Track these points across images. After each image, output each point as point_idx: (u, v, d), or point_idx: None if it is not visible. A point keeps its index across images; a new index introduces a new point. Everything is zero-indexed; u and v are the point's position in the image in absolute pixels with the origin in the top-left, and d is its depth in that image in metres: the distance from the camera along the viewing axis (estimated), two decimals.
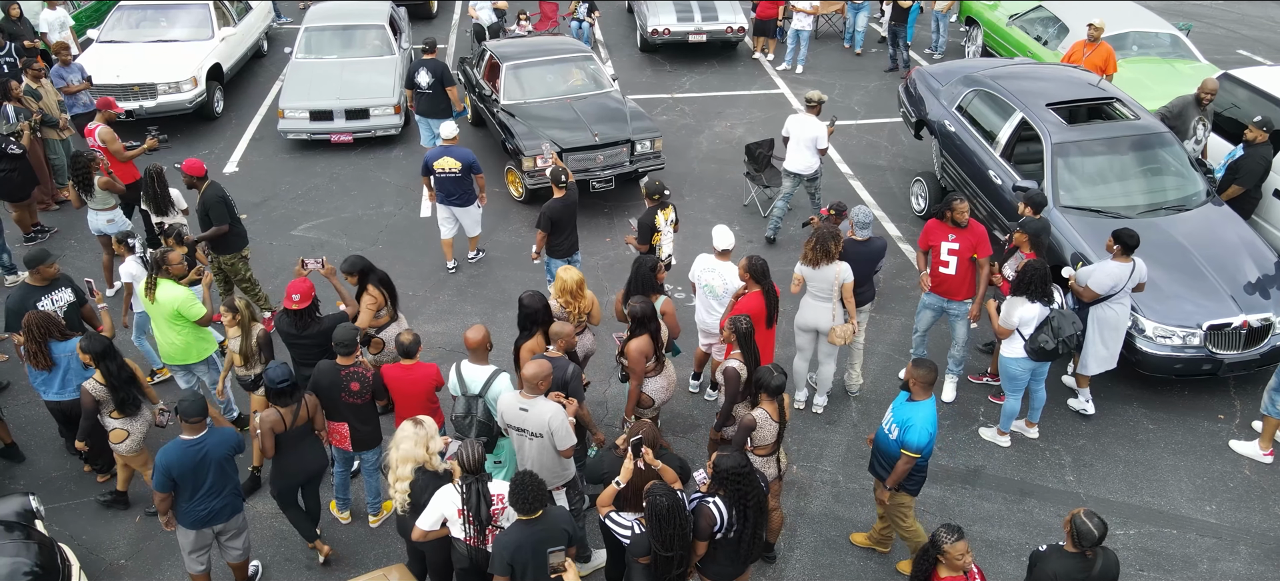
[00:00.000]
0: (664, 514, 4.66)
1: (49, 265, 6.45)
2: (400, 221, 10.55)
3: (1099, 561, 4.70)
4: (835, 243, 6.67)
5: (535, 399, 5.46)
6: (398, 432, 5.12)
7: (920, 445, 5.40)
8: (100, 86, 11.81)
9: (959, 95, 9.68)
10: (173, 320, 6.60)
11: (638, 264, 6.69)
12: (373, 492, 6.43)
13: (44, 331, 6.10)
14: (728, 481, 4.81)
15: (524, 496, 4.56)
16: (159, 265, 6.56)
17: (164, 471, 5.19)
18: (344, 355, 5.81)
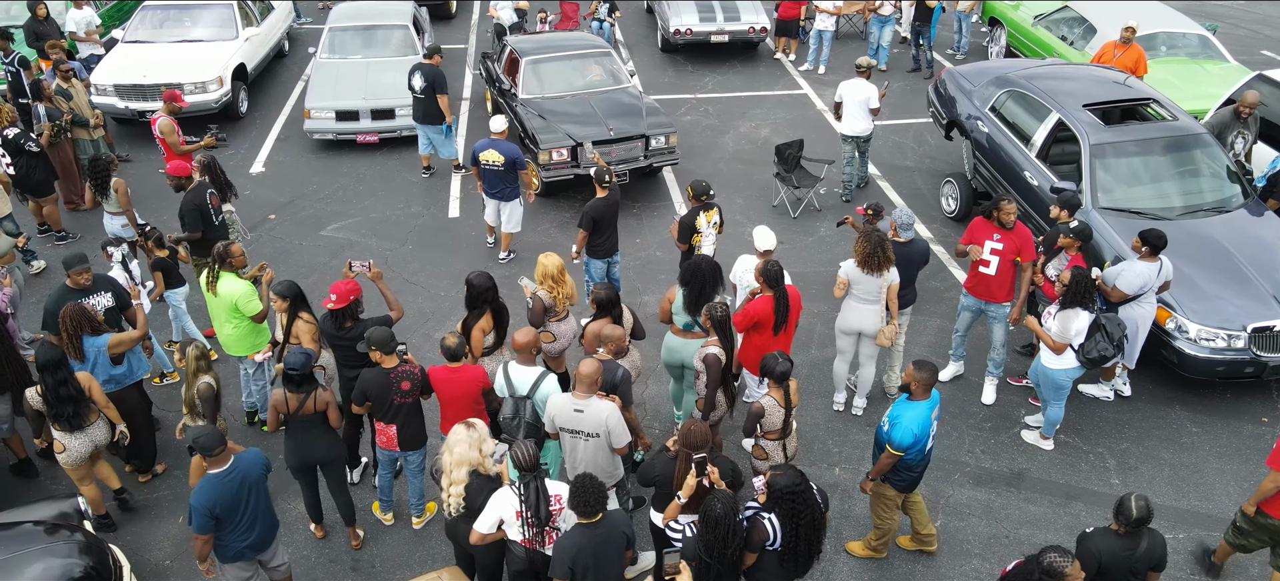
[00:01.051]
0: (715, 520, 4.65)
1: (81, 272, 6.43)
2: (429, 222, 10.54)
3: (1145, 542, 4.79)
4: (887, 247, 6.63)
5: (589, 399, 5.45)
6: (450, 436, 5.10)
7: (903, 444, 5.47)
8: (127, 87, 11.87)
9: (992, 96, 9.63)
10: (231, 313, 6.69)
11: (695, 265, 6.61)
12: (417, 494, 6.42)
13: (77, 324, 6.12)
14: (783, 500, 4.81)
15: (585, 498, 4.54)
16: (222, 259, 6.63)
17: (206, 512, 4.96)
18: (386, 355, 5.79)
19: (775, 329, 6.41)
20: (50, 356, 5.78)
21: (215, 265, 6.63)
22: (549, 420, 5.61)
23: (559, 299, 6.57)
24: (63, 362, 5.83)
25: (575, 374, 5.48)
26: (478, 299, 6.35)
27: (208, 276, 6.67)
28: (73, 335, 6.12)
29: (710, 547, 4.68)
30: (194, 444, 4.96)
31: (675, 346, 6.72)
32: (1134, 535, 4.79)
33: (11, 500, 6.63)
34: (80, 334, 6.15)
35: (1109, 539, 4.81)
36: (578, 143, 10.29)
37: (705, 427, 5.10)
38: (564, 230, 10.34)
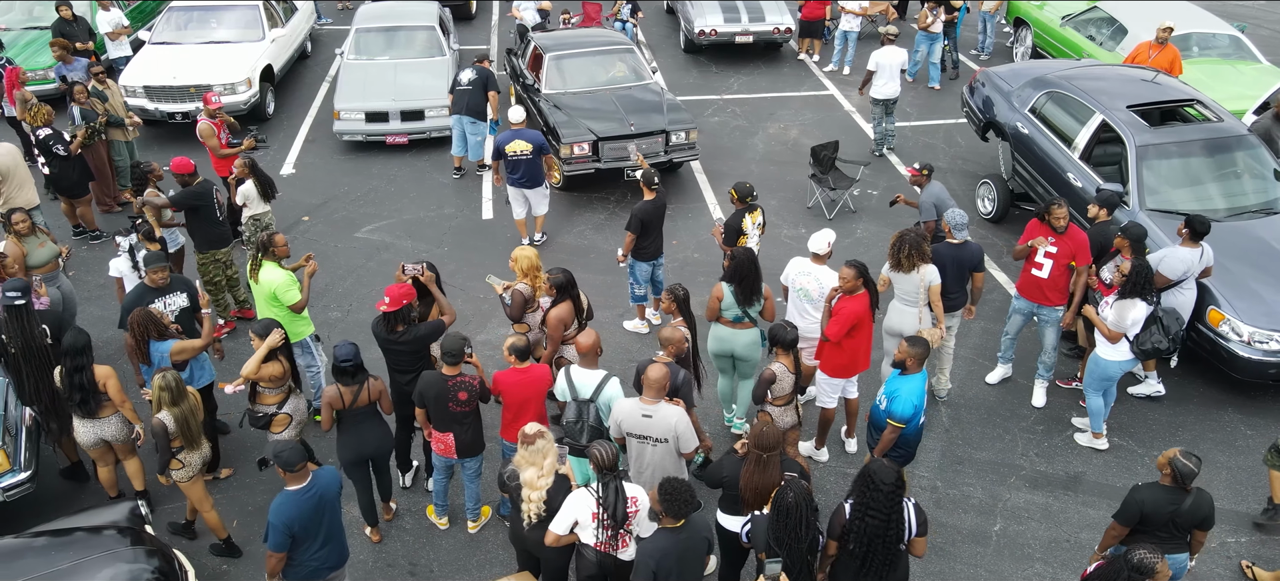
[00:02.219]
0: (787, 509, 4.63)
1: (157, 270, 6.44)
2: (463, 223, 10.51)
3: (1191, 498, 5.00)
4: (924, 245, 6.60)
5: (658, 404, 5.42)
6: (534, 450, 5.02)
7: (904, 415, 5.67)
8: (157, 88, 11.83)
9: (1031, 98, 9.60)
10: (270, 301, 6.78)
11: (739, 260, 6.63)
12: (473, 499, 6.38)
13: (144, 329, 6.13)
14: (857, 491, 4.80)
15: (675, 502, 4.50)
16: (264, 248, 6.71)
17: (283, 530, 4.87)
18: (450, 364, 5.77)
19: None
20: (76, 343, 5.86)
21: (258, 254, 6.74)
22: (615, 425, 5.58)
23: (539, 289, 6.74)
24: (86, 351, 5.90)
25: (643, 379, 5.45)
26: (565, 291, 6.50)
27: (251, 264, 6.80)
28: (140, 339, 6.13)
29: (779, 537, 4.66)
30: (275, 458, 4.88)
31: (725, 336, 6.72)
32: (1180, 490, 4.98)
33: (65, 505, 6.63)
34: (148, 338, 6.15)
35: (1154, 490, 5.04)
36: (598, 137, 10.42)
37: (777, 430, 5.07)
38: (599, 232, 10.32)
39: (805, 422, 7.40)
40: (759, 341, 6.79)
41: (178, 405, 5.68)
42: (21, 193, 8.84)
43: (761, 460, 4.97)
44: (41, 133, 9.17)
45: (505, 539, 6.44)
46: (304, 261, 7.18)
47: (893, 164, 11.73)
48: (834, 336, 6.47)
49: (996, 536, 6.39)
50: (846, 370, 6.63)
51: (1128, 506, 5.06)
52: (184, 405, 5.71)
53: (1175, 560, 5.12)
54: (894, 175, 11.48)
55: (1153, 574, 4.31)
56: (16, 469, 6.07)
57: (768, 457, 4.96)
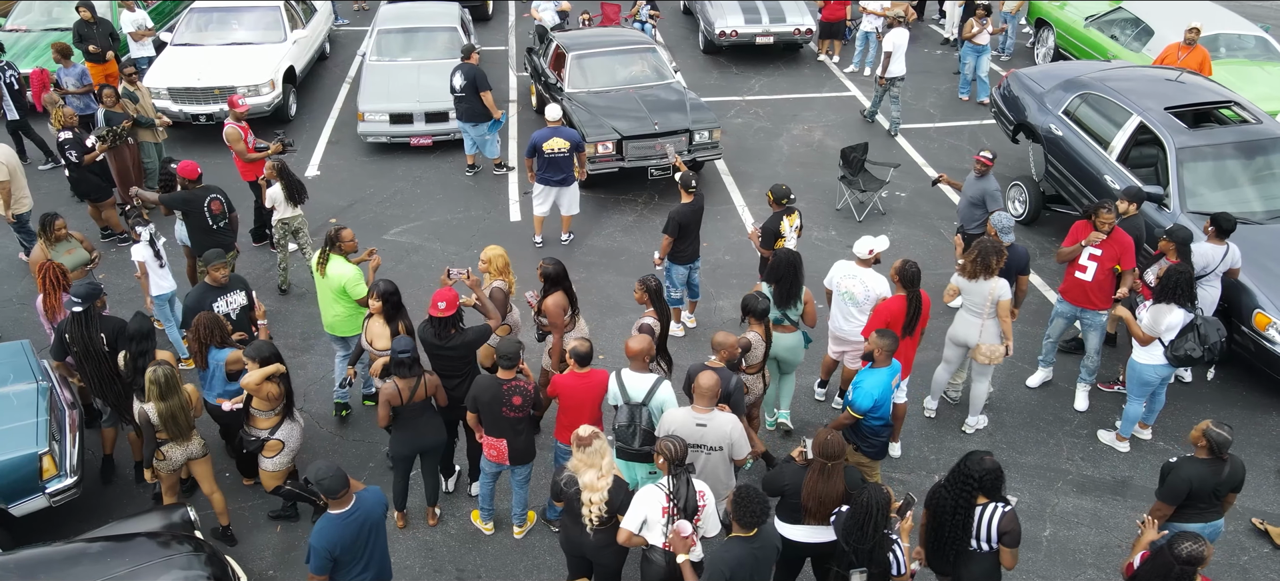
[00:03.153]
0: (865, 508, 4.63)
1: (219, 267, 6.43)
2: (491, 225, 10.47)
3: (1228, 466, 5.20)
4: (997, 258, 6.56)
5: (711, 412, 5.39)
6: (591, 453, 4.99)
7: (861, 407, 5.75)
8: (181, 89, 11.80)
9: (1065, 100, 9.56)
10: (338, 295, 6.83)
11: (781, 259, 6.60)
12: (520, 504, 6.34)
13: (208, 333, 6.14)
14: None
15: (750, 509, 4.46)
16: (332, 242, 6.80)
17: (325, 553, 4.76)
18: (506, 368, 5.74)
19: (906, 330, 6.34)
20: (141, 329, 6.06)
21: (326, 247, 6.80)
22: (665, 433, 5.53)
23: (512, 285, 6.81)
24: (150, 336, 6.07)
25: (694, 387, 5.41)
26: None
27: (319, 258, 6.84)
28: (202, 343, 6.12)
29: (849, 533, 4.71)
30: (316, 485, 4.79)
31: None
32: (1219, 460, 5.16)
33: (106, 509, 6.60)
34: (209, 343, 6.13)
35: (1196, 465, 5.19)
36: (623, 136, 10.46)
37: (840, 437, 5.03)
38: (629, 234, 10.28)
39: None
40: (801, 345, 6.75)
41: (166, 400, 5.72)
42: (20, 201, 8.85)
43: (825, 469, 4.95)
44: (62, 135, 9.12)
45: (552, 544, 6.41)
46: (367, 255, 7.22)
47: (912, 155, 11.70)
48: (866, 334, 6.48)
49: (1047, 542, 6.35)
50: None
51: (1174, 485, 5.18)
52: (173, 400, 5.74)
53: (1215, 526, 5.36)
54: (921, 177, 11.45)
55: (1202, 561, 4.36)
56: (63, 474, 6.03)
57: (831, 466, 4.93)
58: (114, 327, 6.21)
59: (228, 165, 10.34)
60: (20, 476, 5.85)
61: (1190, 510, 5.23)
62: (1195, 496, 5.18)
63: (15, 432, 5.95)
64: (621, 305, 8.95)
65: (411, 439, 6.04)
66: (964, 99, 13.43)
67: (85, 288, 6.23)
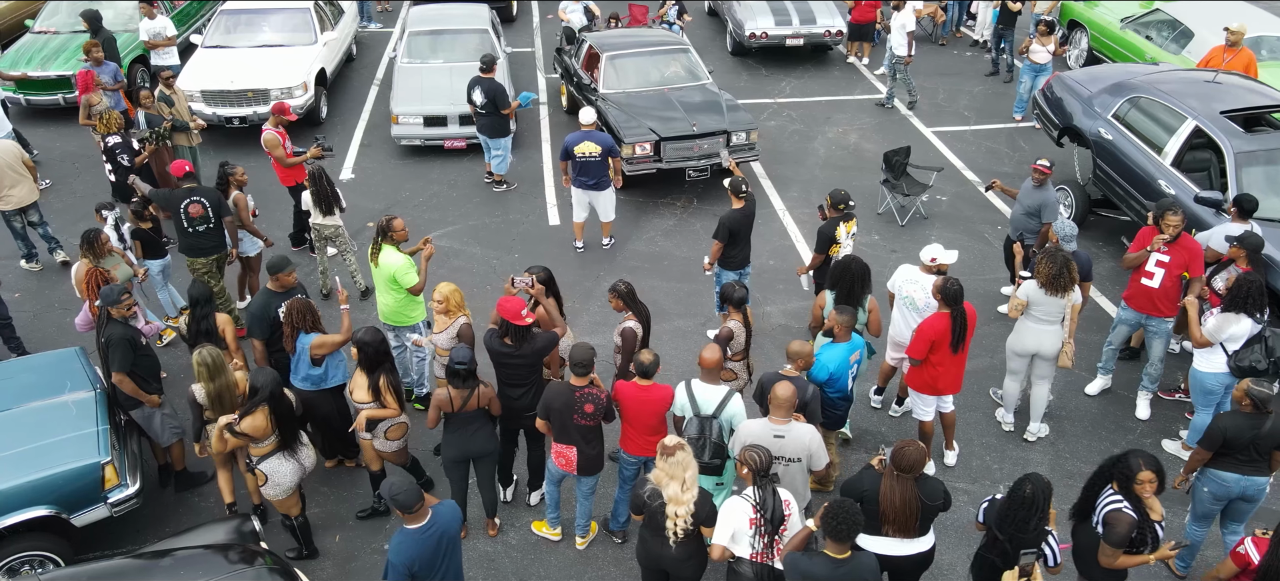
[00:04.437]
0: (1024, 500, 4.69)
1: (288, 273, 6.40)
2: (531, 229, 10.39)
3: (1270, 421, 5.44)
4: (1073, 268, 6.47)
5: (789, 423, 5.30)
6: (674, 464, 4.90)
7: (818, 379, 6.00)
8: (214, 92, 11.73)
9: (1114, 103, 9.45)
10: (389, 284, 6.86)
11: (846, 264, 6.50)
12: (584, 515, 6.26)
13: (300, 318, 6.22)
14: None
15: (841, 525, 4.37)
16: (384, 232, 6.83)
17: (403, 569, 4.72)
18: (579, 375, 5.66)
19: (953, 347, 6.24)
20: (201, 293, 6.46)
21: (379, 237, 6.83)
22: (741, 445, 5.44)
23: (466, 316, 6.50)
24: (210, 300, 6.49)
25: (771, 397, 5.32)
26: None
27: (372, 247, 6.91)
28: (295, 328, 6.20)
29: (1004, 522, 4.72)
30: (391, 499, 4.71)
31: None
32: (1260, 414, 5.43)
33: (162, 519, 6.53)
34: (300, 328, 6.20)
35: (1236, 417, 5.50)
36: (661, 137, 10.39)
37: (920, 448, 4.95)
38: (670, 238, 10.20)
39: (908, 435, 7.31)
40: (864, 352, 6.65)
41: (214, 380, 5.87)
42: (15, 191, 8.83)
43: (897, 478, 4.87)
44: (110, 140, 9.06)
45: (615, 554, 6.33)
46: (422, 245, 7.20)
47: (950, 158, 11.60)
48: (911, 354, 6.43)
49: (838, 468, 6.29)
50: (928, 388, 6.52)
51: (1211, 433, 5.52)
52: (220, 380, 5.88)
53: (1257, 483, 5.60)
54: (961, 181, 11.36)
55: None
56: (124, 484, 5.96)
57: (902, 477, 4.85)
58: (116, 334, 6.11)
59: (265, 168, 10.27)
60: (82, 486, 5.78)
61: (1229, 459, 5.56)
62: (1232, 445, 5.48)
63: (76, 442, 5.88)
64: (669, 311, 8.87)
65: (460, 442, 5.95)
66: (1017, 119, 12.87)
67: (107, 291, 6.18)
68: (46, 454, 5.76)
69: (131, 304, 6.17)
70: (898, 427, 7.46)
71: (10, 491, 5.55)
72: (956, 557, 6.22)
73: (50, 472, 5.68)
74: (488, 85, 10.49)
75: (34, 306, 8.94)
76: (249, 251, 8.51)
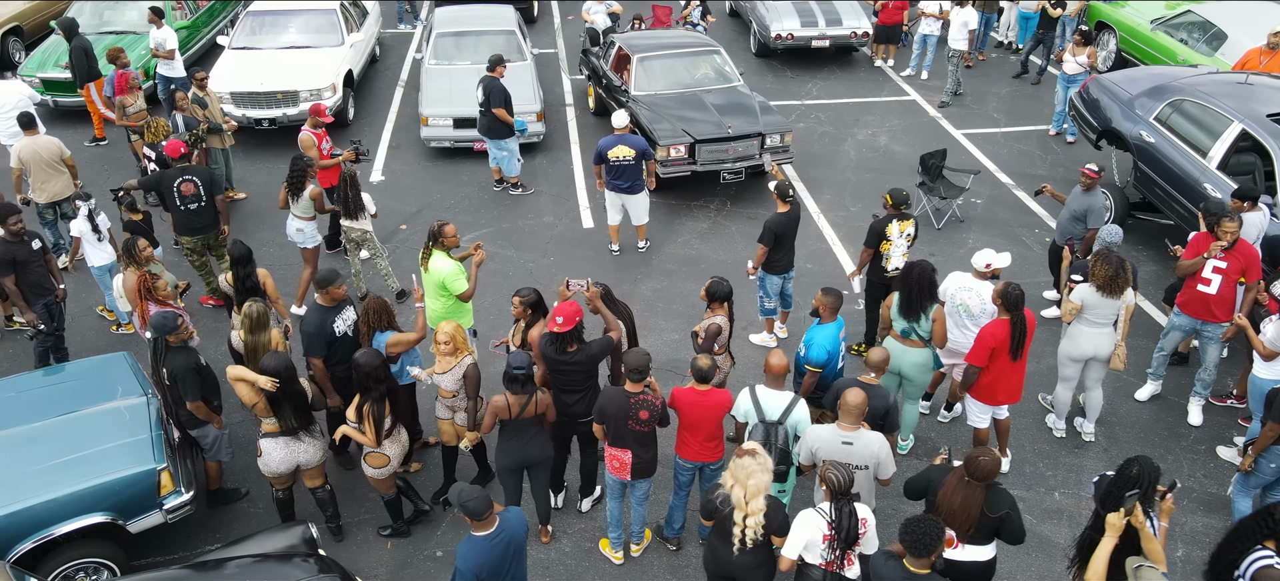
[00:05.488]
0: (1130, 478, 4.69)
1: (338, 286, 6.33)
2: (565, 232, 10.34)
3: None
4: (1128, 269, 6.42)
5: (858, 430, 5.25)
6: (738, 469, 4.86)
7: (819, 361, 6.10)
8: (243, 94, 11.68)
9: (1156, 107, 9.38)
10: (439, 289, 6.86)
11: (908, 270, 6.43)
12: (639, 522, 6.21)
13: (376, 317, 6.29)
14: None
15: (921, 540, 4.31)
16: (435, 237, 6.83)
17: (471, 577, 4.68)
18: (634, 381, 5.61)
19: (1013, 354, 6.18)
20: (241, 252, 6.77)
21: (430, 242, 6.82)
22: (808, 452, 5.40)
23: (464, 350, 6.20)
24: (250, 259, 6.79)
25: (840, 403, 5.27)
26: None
27: (422, 252, 6.90)
28: (371, 326, 6.27)
29: (1106, 499, 4.73)
30: (460, 507, 4.67)
31: (894, 351, 6.53)
32: None
33: (214, 526, 6.49)
34: (375, 327, 6.26)
35: None
36: (695, 139, 10.34)
37: (995, 457, 4.88)
38: (705, 240, 10.15)
39: (960, 441, 7.26)
40: (930, 363, 6.59)
41: (254, 334, 6.23)
42: (48, 185, 8.87)
43: (965, 483, 4.81)
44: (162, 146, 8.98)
45: (671, 562, 6.28)
46: (472, 250, 7.13)
47: (982, 160, 11.54)
48: (971, 361, 6.34)
49: (1180, 563, 6.20)
50: (987, 396, 6.45)
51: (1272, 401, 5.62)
52: (261, 335, 6.23)
53: None
54: (995, 184, 11.29)
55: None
56: (179, 490, 5.91)
57: (970, 483, 4.79)
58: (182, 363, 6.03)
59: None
60: (137, 492, 5.74)
61: None
62: None
63: (131, 448, 5.84)
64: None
65: (516, 450, 5.91)
66: (1052, 134, 12.52)
67: (159, 319, 6.06)
68: (102, 460, 5.71)
69: (187, 326, 6.10)
70: (946, 433, 7.40)
71: (68, 498, 5.51)
72: (1016, 565, 6.16)
73: (107, 479, 5.63)
74: (487, 84, 10.37)
75: (72, 309, 8.87)
76: (307, 244, 8.48)
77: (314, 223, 8.47)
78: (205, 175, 8.26)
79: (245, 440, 7.10)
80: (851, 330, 8.39)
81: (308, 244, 8.50)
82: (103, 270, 8.10)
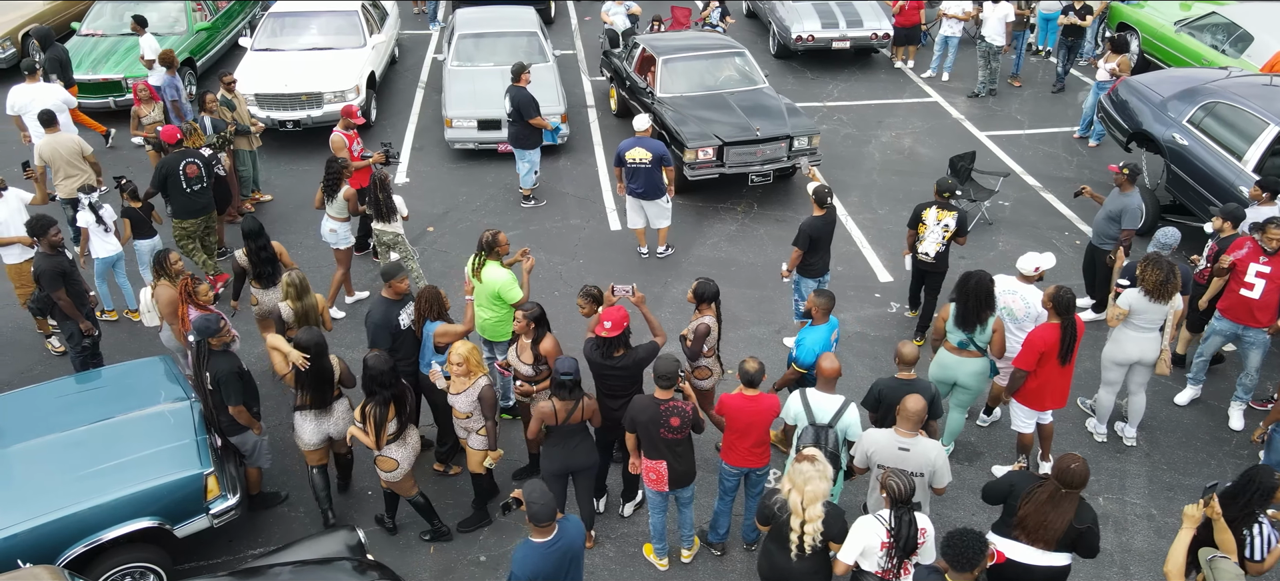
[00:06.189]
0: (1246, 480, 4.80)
1: (400, 280, 6.35)
2: (592, 234, 10.31)
3: None
4: (1177, 273, 6.39)
5: (915, 437, 5.22)
6: (796, 474, 4.84)
7: (806, 363, 6.22)
8: (268, 95, 11.66)
9: (1188, 109, 9.35)
10: (493, 299, 6.78)
11: (965, 280, 6.38)
12: (687, 527, 6.17)
13: (428, 306, 6.33)
14: None
15: (964, 555, 4.26)
16: (489, 247, 6.72)
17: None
18: (663, 389, 5.57)
19: (1062, 358, 6.15)
20: (253, 227, 7.13)
21: (483, 252, 6.72)
22: (863, 456, 5.38)
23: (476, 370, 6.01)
24: (263, 233, 7.17)
25: (899, 409, 5.24)
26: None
27: (475, 262, 6.78)
28: (424, 314, 6.32)
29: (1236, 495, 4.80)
30: (527, 505, 4.63)
31: (949, 363, 6.47)
32: None
33: (257, 531, 6.46)
34: (427, 316, 6.30)
35: None
36: (724, 141, 10.28)
37: (1085, 463, 4.86)
38: (734, 243, 10.12)
39: (1000, 446, 7.23)
40: (986, 372, 6.54)
41: (301, 299, 6.63)
42: (71, 183, 8.86)
43: (1057, 495, 4.77)
44: (204, 152, 8.93)
45: (716, 568, 6.25)
46: (520, 256, 7.07)
47: (1009, 163, 11.50)
48: (1019, 366, 6.30)
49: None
50: (1033, 400, 6.41)
51: None
52: (306, 300, 6.66)
53: None
54: (1022, 186, 11.26)
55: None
56: (225, 494, 5.89)
57: (1066, 494, 4.75)
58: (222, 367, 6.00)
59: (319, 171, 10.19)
60: (185, 497, 5.72)
61: None
62: None
63: (178, 452, 5.82)
64: (742, 317, 8.79)
65: (562, 456, 5.88)
66: (1077, 137, 12.44)
67: (202, 323, 6.04)
68: (150, 465, 5.69)
69: (228, 329, 6.07)
70: (986, 437, 7.37)
71: (116, 502, 5.48)
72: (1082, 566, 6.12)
73: (154, 483, 5.61)
74: (515, 94, 10.26)
75: None
76: (340, 244, 8.47)
77: (348, 223, 8.46)
78: (204, 158, 8.59)
79: (283, 445, 7.08)
80: (879, 337, 8.42)
81: (341, 244, 8.49)
82: (104, 263, 8.28)
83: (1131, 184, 7.79)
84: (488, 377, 6.00)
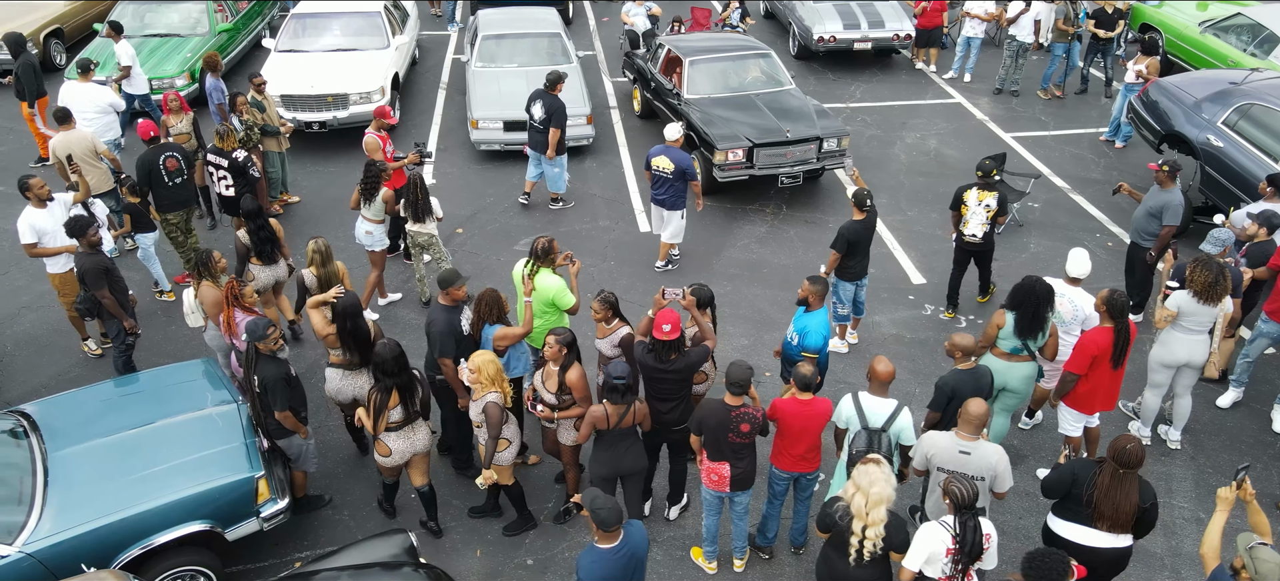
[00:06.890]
0: None
1: (458, 287, 6.33)
2: (622, 236, 10.29)
3: None
4: (1227, 276, 6.37)
5: (977, 441, 5.20)
6: (861, 476, 4.82)
7: (817, 346, 6.27)
8: (294, 96, 11.63)
9: (1223, 111, 9.33)
10: (546, 306, 6.72)
11: (1027, 286, 6.29)
12: (741, 536, 6.14)
13: (489, 309, 6.32)
14: None
15: (1048, 576, 4.25)
16: (543, 255, 6.65)
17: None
18: (735, 394, 5.54)
19: (1114, 362, 6.12)
20: (252, 207, 7.43)
21: (536, 261, 6.68)
22: (922, 458, 5.36)
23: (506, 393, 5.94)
24: (262, 213, 7.49)
25: (962, 412, 5.22)
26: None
27: (528, 269, 6.70)
28: (483, 317, 6.33)
29: None
30: (592, 513, 4.61)
31: (998, 369, 6.43)
32: None
33: (303, 534, 6.45)
34: (486, 319, 6.30)
35: None
36: (754, 143, 10.25)
37: (1140, 442, 4.88)
38: (764, 245, 10.09)
39: (1043, 449, 7.21)
40: (1034, 376, 6.50)
41: (325, 266, 6.96)
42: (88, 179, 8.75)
43: (1118, 475, 4.80)
44: (237, 156, 8.90)
45: (763, 570, 6.24)
46: (564, 259, 6.98)
47: (1037, 164, 11.48)
48: (1071, 369, 6.25)
49: None
50: (1083, 404, 6.38)
51: None
52: (329, 267, 6.97)
53: None
54: (1050, 187, 11.23)
55: None
56: (275, 497, 5.87)
57: (1125, 474, 4.77)
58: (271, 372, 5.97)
59: (358, 172, 10.18)
60: (236, 500, 5.71)
61: None
62: None
63: (228, 455, 5.80)
64: (775, 319, 8.76)
65: (612, 460, 5.86)
66: (1103, 139, 12.36)
67: (252, 326, 5.98)
68: (201, 468, 5.67)
69: (278, 336, 6.03)
70: (1028, 439, 7.34)
71: (169, 506, 5.47)
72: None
73: (206, 487, 5.59)
74: (549, 102, 10.15)
75: None
76: (375, 246, 8.46)
77: (383, 225, 8.44)
78: (184, 151, 8.73)
79: (327, 448, 7.07)
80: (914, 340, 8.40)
81: (376, 246, 8.47)
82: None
83: (1172, 180, 7.76)
84: (498, 393, 5.81)
